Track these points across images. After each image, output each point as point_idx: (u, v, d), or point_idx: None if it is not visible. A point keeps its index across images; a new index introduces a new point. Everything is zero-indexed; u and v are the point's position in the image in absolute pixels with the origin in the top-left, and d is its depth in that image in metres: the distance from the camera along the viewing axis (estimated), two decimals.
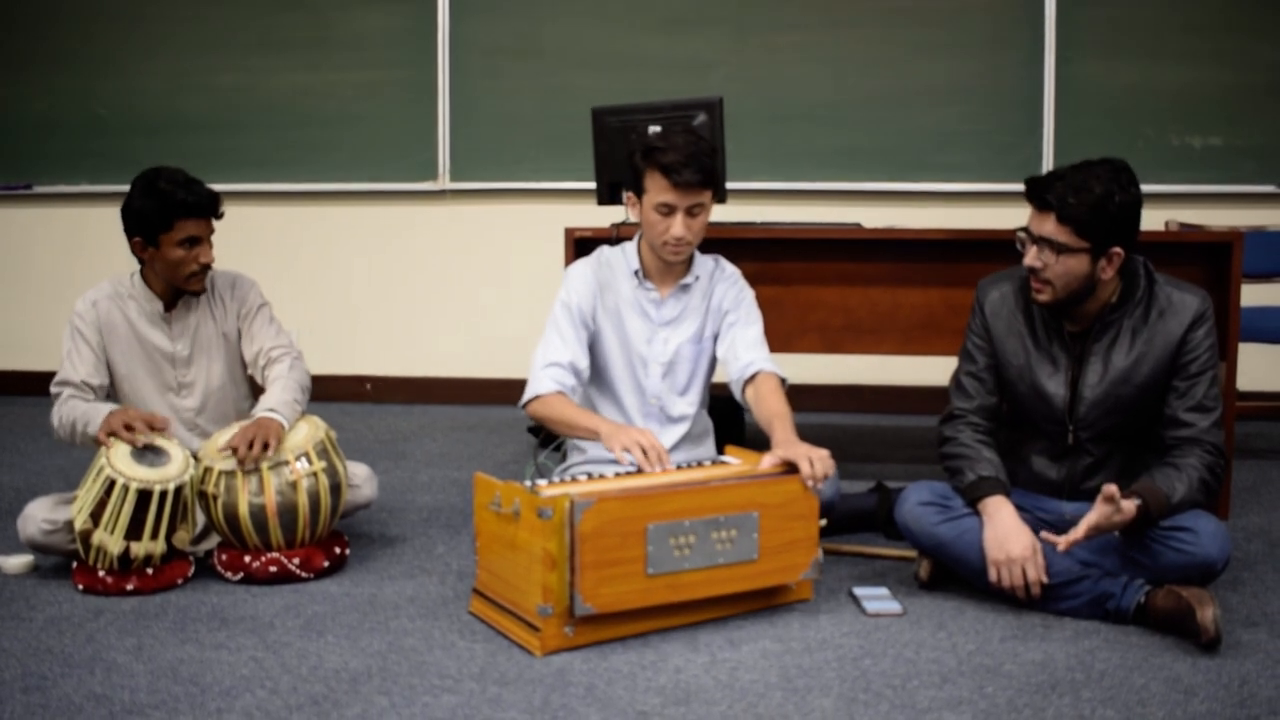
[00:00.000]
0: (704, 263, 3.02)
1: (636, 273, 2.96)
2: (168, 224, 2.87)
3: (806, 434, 2.69)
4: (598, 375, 3.01)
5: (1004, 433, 2.78)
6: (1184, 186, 4.98)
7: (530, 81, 5.30)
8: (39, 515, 2.78)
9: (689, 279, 2.97)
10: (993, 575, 2.53)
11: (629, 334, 2.96)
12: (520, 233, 5.35)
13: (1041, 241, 2.53)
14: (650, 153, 2.80)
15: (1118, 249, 2.52)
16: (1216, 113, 4.99)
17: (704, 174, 2.78)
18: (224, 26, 5.45)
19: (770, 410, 2.77)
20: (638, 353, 2.97)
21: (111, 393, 3.03)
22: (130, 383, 3.02)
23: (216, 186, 3.02)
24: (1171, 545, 2.49)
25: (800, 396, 5.25)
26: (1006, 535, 2.52)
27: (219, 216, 2.97)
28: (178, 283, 2.96)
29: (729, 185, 3.67)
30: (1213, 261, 3.41)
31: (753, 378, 2.88)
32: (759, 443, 2.79)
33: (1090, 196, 2.47)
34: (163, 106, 5.50)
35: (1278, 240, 4.33)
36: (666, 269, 2.95)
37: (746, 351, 2.92)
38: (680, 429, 3.00)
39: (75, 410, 2.88)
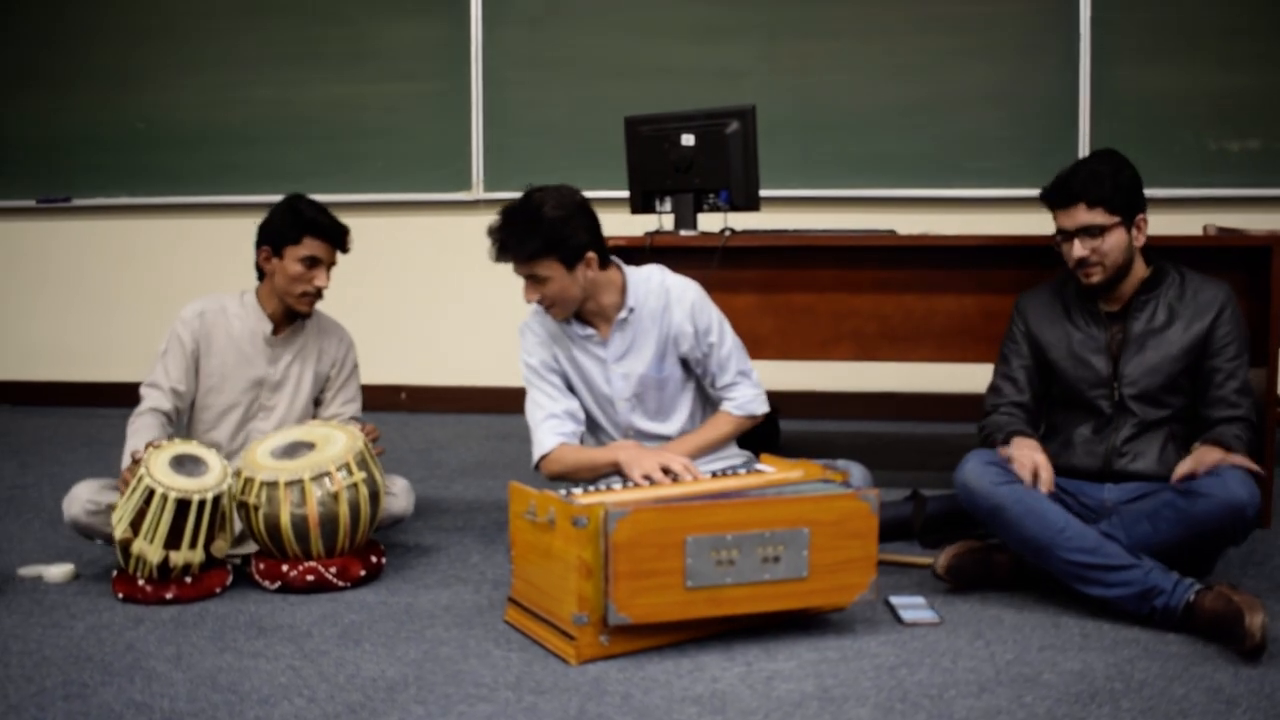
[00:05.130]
0: (643, 286, 2.97)
1: (569, 320, 2.98)
2: (297, 238, 3.03)
3: (840, 441, 2.68)
4: None
5: (1046, 419, 2.91)
6: (1222, 190, 4.94)
7: (563, 91, 5.32)
8: (84, 495, 2.85)
9: (623, 313, 2.95)
10: (1010, 459, 2.63)
11: (588, 376, 3.00)
12: None
13: (1080, 232, 2.73)
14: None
15: (1142, 215, 2.77)
16: (1254, 116, 4.94)
17: (511, 251, 2.83)
18: (259, 41, 5.51)
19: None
20: (601, 393, 3.00)
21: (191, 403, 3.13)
22: (213, 396, 3.11)
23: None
24: (1200, 491, 2.51)
25: (835, 404, 5.28)
26: (1032, 449, 2.65)
27: (345, 249, 3.12)
28: (289, 299, 3.08)
29: (762, 193, 3.67)
30: (1251, 266, 3.37)
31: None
32: (793, 450, 2.78)
33: (1104, 177, 2.73)
34: (200, 120, 5.56)
35: None
36: (597, 310, 2.96)
37: (726, 395, 3.00)
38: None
39: (136, 431, 2.97)
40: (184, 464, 2.73)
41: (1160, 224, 2.87)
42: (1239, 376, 2.76)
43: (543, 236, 2.80)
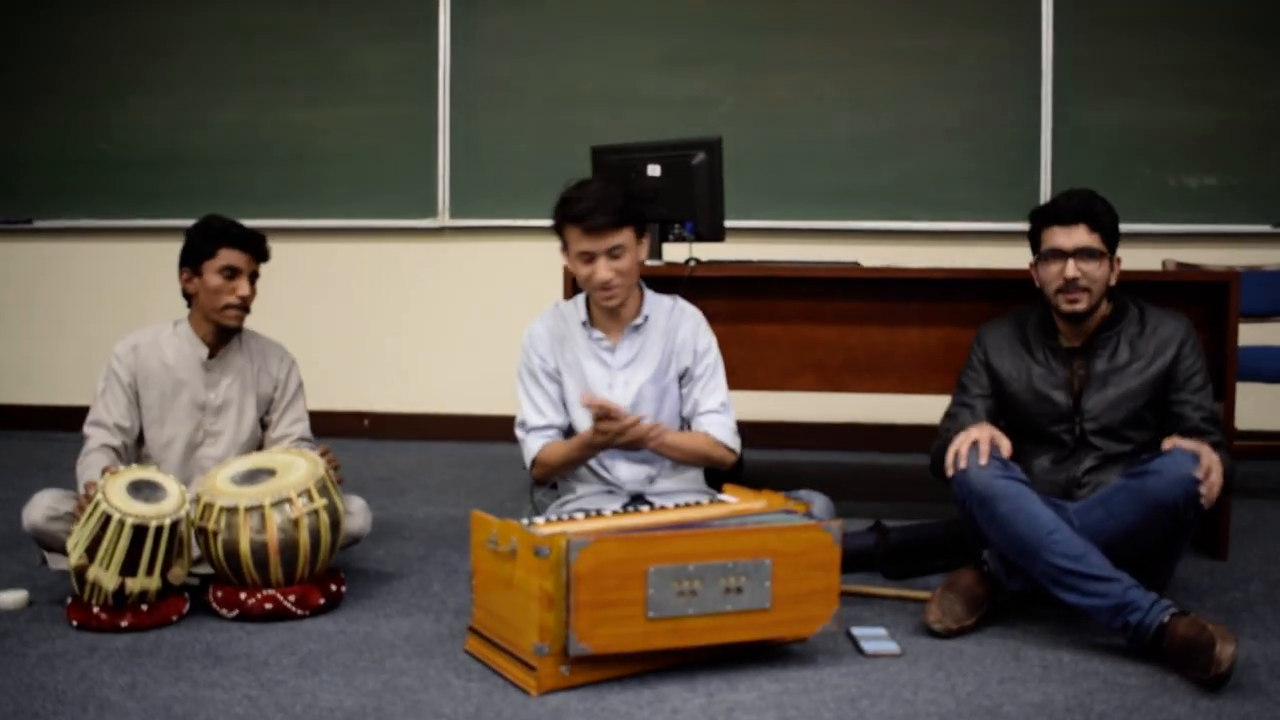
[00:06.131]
0: (657, 302, 3.05)
1: (584, 323, 3.01)
2: (212, 251, 3.03)
3: (804, 471, 2.68)
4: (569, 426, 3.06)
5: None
6: (1180, 226, 5.01)
7: (531, 119, 5.33)
8: (45, 502, 2.84)
9: (638, 320, 3.00)
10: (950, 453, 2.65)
11: (590, 382, 3.00)
12: (519, 269, 5.36)
13: (1080, 253, 2.77)
14: (561, 205, 2.89)
15: (1118, 256, 2.86)
16: (1212, 153, 5.02)
17: (614, 214, 2.83)
18: (227, 63, 5.49)
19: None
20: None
21: (139, 439, 3.10)
22: (158, 428, 3.09)
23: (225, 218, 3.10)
24: (1152, 469, 2.58)
25: (799, 434, 5.29)
26: (978, 428, 2.69)
27: (261, 257, 3.10)
28: (216, 315, 3.06)
29: (728, 224, 3.69)
30: (1210, 301, 3.42)
31: None
32: (757, 481, 2.79)
33: (1104, 208, 2.82)
34: (165, 143, 5.53)
35: (1273, 280, 4.34)
36: (613, 314, 2.99)
37: (706, 421, 2.99)
38: (656, 465, 2.99)
39: (88, 467, 2.95)
40: (141, 489, 2.70)
41: (1121, 258, 2.90)
42: (1206, 406, 2.82)
43: (625, 203, 2.87)
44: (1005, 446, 2.65)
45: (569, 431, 3.04)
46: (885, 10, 5.16)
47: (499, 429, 5.29)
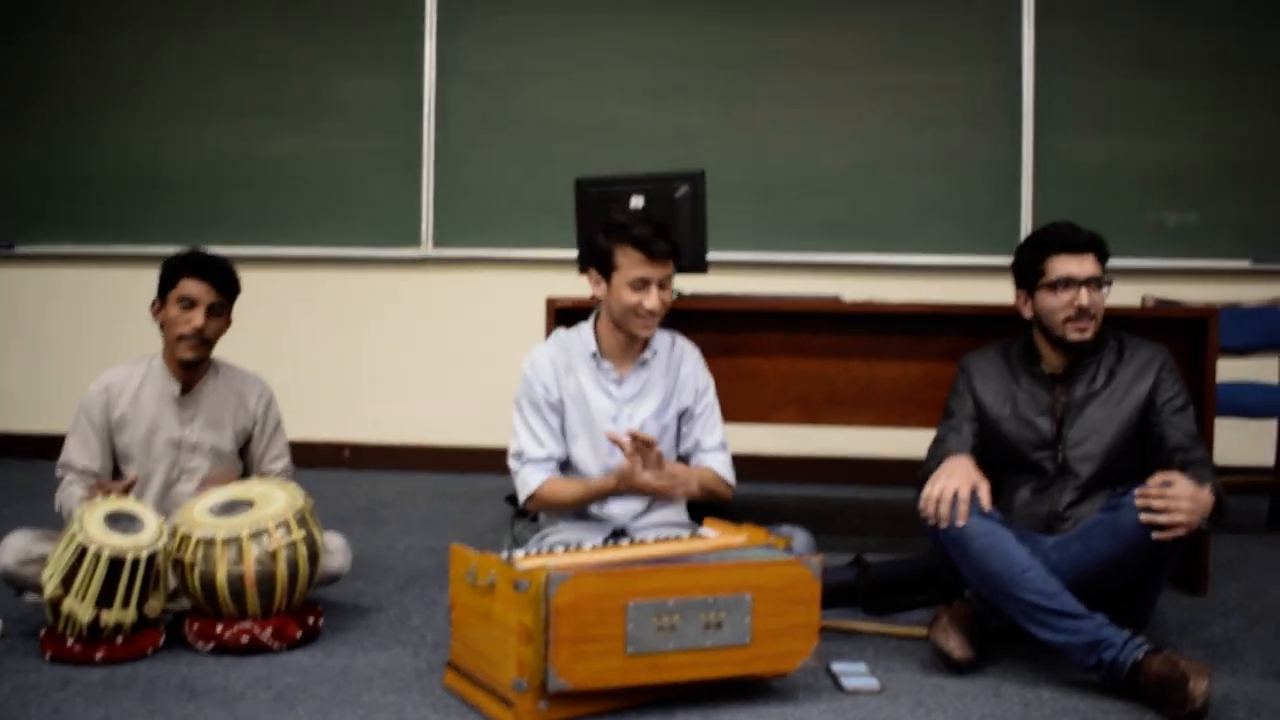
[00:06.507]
0: (660, 337, 3.06)
1: (594, 354, 3.00)
2: (174, 280, 2.99)
3: (786, 505, 2.68)
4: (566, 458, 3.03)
5: (990, 478, 2.84)
6: (1159, 261, 5.05)
7: (515, 150, 5.34)
8: (17, 545, 2.79)
9: (647, 354, 3.01)
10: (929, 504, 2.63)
11: (593, 415, 2.98)
12: (502, 300, 5.37)
13: (1092, 281, 2.81)
14: (622, 229, 2.89)
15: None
16: (1190, 188, 5.07)
17: (672, 244, 2.90)
18: (213, 90, 5.49)
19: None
20: (601, 432, 2.98)
21: (115, 474, 3.07)
22: (134, 466, 3.05)
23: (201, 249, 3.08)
24: (1125, 504, 2.58)
25: (781, 467, 5.28)
26: (955, 466, 2.69)
27: (226, 289, 3.03)
28: (172, 347, 3.02)
29: (711, 257, 3.69)
30: (1189, 337, 3.44)
31: None
32: (738, 514, 2.78)
33: (1103, 239, 2.85)
34: (149, 169, 5.51)
35: (1251, 316, 4.37)
36: (626, 347, 2.99)
37: (709, 459, 3.02)
38: (649, 497, 2.98)
39: (70, 497, 2.95)
40: (119, 521, 2.68)
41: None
42: (1186, 428, 2.83)
43: (675, 238, 2.94)
44: (984, 494, 2.64)
45: (565, 464, 3.02)
46: (868, 45, 5.20)
47: (481, 460, 5.29)
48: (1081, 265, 2.81)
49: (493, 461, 5.14)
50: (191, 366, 3.05)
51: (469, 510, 4.53)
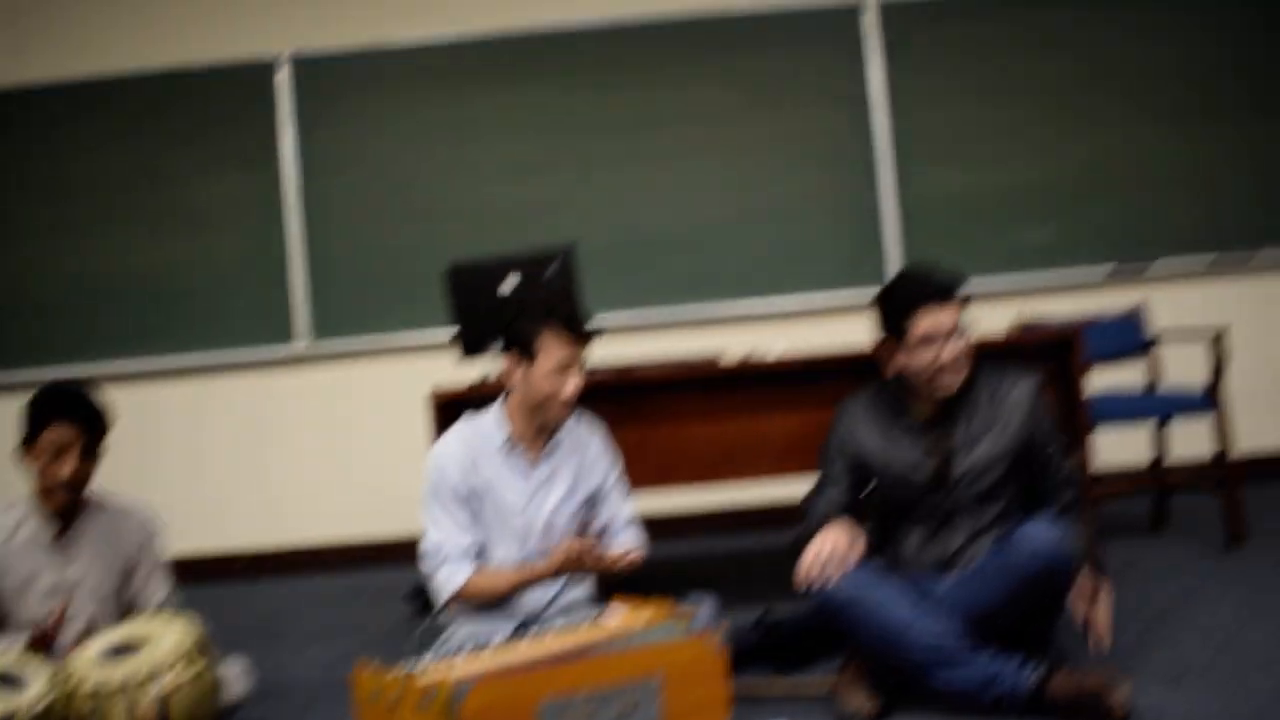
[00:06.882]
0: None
1: (506, 440, 2.95)
2: (40, 425, 2.83)
3: (695, 563, 2.68)
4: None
5: (876, 527, 2.89)
6: (1028, 277, 5.23)
7: (384, 237, 5.30)
8: None
9: (559, 435, 2.99)
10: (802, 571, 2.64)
11: (506, 504, 2.94)
12: (386, 388, 5.30)
13: (957, 332, 2.76)
14: (547, 312, 2.88)
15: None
16: (1047, 205, 5.25)
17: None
18: (70, 207, 5.35)
19: None
20: (515, 520, 2.95)
21: None
22: (13, 615, 2.91)
23: (72, 371, 2.96)
24: (1014, 542, 2.64)
25: (685, 526, 5.23)
26: (825, 537, 2.67)
27: (96, 432, 2.89)
28: (40, 497, 2.89)
29: (594, 323, 3.70)
30: (1057, 356, 3.54)
31: None
32: (647, 581, 2.78)
33: (958, 279, 2.82)
34: (9, 293, 5.34)
35: (1113, 325, 4.53)
36: (538, 431, 2.96)
37: (627, 534, 3.03)
38: (560, 582, 2.96)
39: None
40: (2, 681, 2.56)
41: (975, 316, 2.91)
42: (1059, 468, 2.86)
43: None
44: (856, 553, 2.66)
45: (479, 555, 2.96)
46: (721, 99, 5.29)
47: (381, 554, 5.19)
48: (944, 318, 2.74)
49: (393, 553, 5.07)
50: (75, 507, 2.94)
51: (369, 612, 4.39)
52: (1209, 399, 4.15)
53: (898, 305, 2.79)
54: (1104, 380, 4.34)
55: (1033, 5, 5.29)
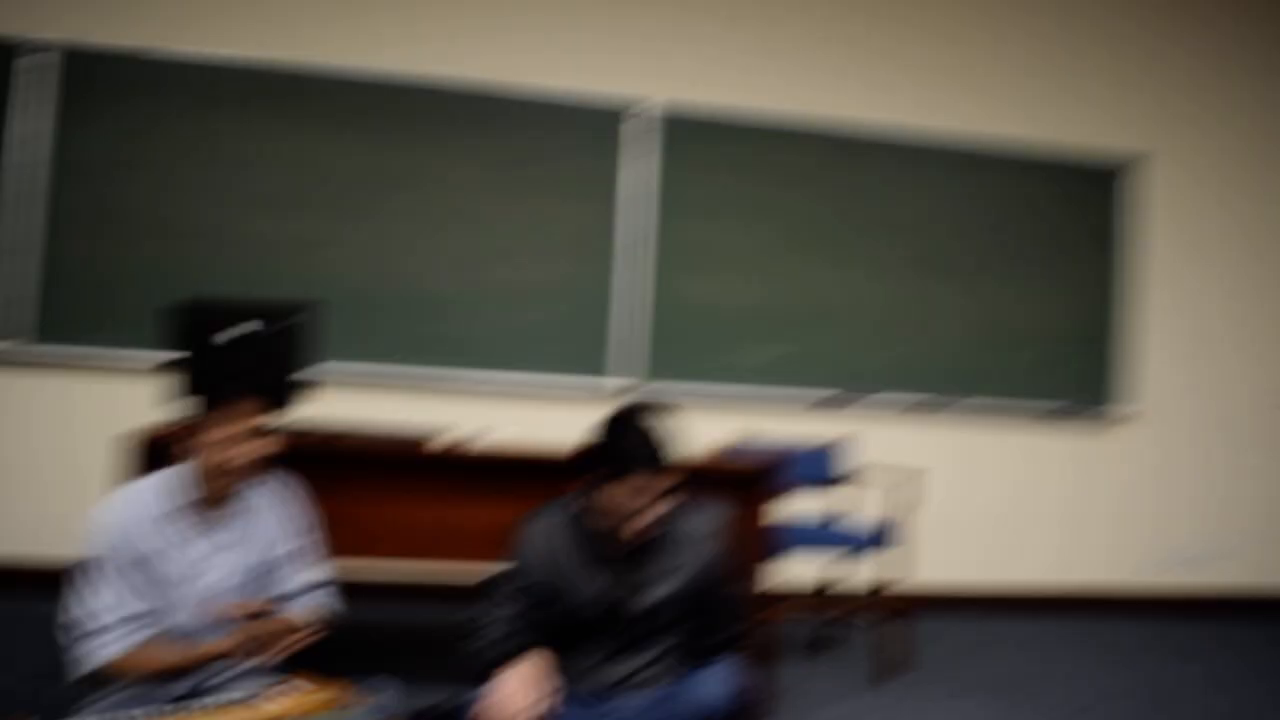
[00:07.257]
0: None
1: (189, 502, 2.84)
2: None
3: (391, 634, 2.60)
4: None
5: (552, 648, 2.93)
6: (750, 392, 5.53)
7: (125, 247, 5.12)
8: None
9: (243, 499, 2.93)
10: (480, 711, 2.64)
11: (185, 565, 2.82)
12: (98, 403, 5.08)
13: (667, 492, 2.82)
14: (233, 379, 2.84)
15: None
16: (780, 328, 5.60)
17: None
18: None
19: None
20: (173, 593, 2.82)
21: None
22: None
23: None
24: (682, 688, 2.79)
25: (389, 592, 5.17)
26: (521, 681, 2.70)
27: None
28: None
29: (325, 367, 3.63)
30: (753, 482, 3.76)
31: None
32: (344, 655, 2.76)
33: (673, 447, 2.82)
34: None
35: (817, 454, 4.86)
36: (213, 497, 2.87)
37: (319, 596, 3.00)
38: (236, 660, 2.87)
39: None
40: None
41: (708, 426, 2.98)
42: (728, 601, 2.98)
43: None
44: (542, 707, 2.70)
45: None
46: (487, 173, 5.38)
47: (46, 580, 4.92)
48: (662, 481, 2.80)
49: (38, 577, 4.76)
50: None
51: (23, 646, 4.10)
52: (877, 538, 4.47)
53: (623, 460, 2.80)
54: (805, 505, 4.61)
55: (795, 140, 5.66)
